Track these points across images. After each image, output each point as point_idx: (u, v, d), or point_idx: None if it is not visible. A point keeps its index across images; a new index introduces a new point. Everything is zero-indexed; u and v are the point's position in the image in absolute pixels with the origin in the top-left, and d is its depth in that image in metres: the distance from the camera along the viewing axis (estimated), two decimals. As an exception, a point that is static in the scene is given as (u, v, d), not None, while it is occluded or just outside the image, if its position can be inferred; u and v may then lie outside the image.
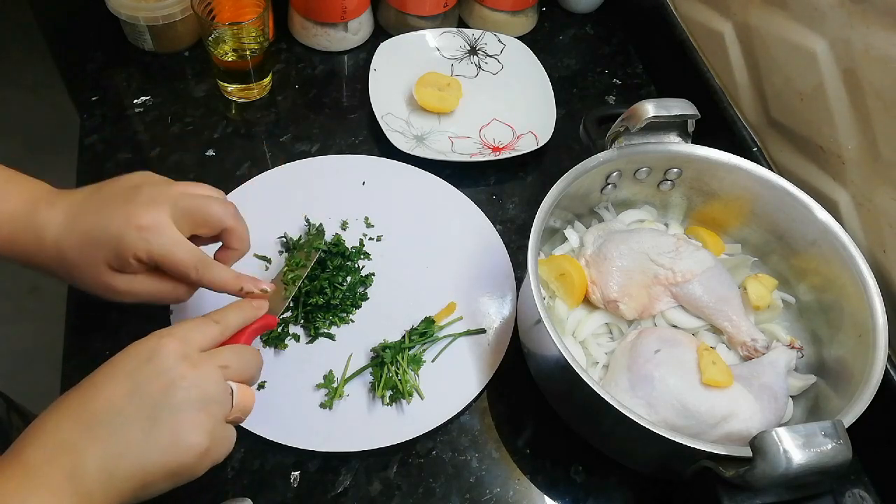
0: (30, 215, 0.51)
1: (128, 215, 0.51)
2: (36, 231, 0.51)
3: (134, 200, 0.51)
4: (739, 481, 0.47)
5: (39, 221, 0.51)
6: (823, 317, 0.64)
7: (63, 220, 0.51)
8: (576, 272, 0.64)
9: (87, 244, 0.51)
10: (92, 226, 0.51)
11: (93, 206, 0.52)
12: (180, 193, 0.53)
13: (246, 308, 0.54)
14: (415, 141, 0.84)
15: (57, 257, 0.51)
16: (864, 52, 0.61)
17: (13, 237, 0.51)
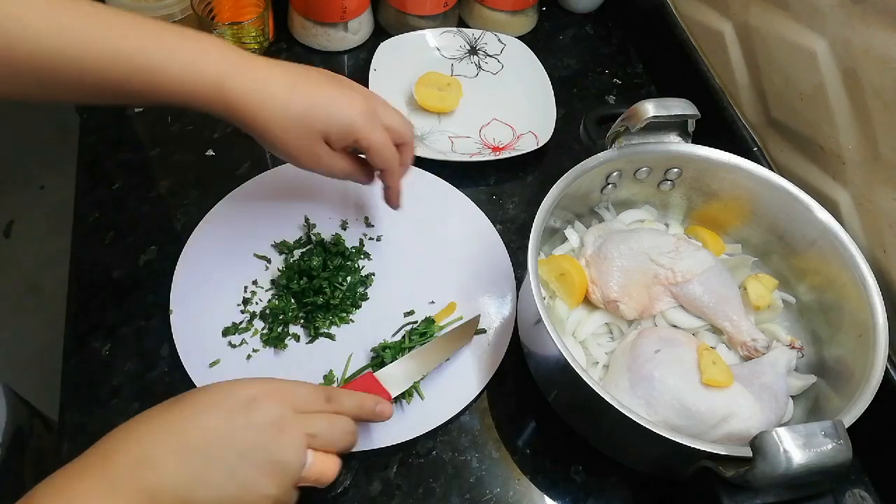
0: (247, 68, 0.54)
1: (353, 102, 0.57)
2: (256, 83, 0.54)
3: (355, 90, 0.59)
4: (739, 481, 0.47)
5: (259, 75, 0.54)
6: (823, 317, 0.64)
7: (287, 83, 0.55)
8: (576, 272, 0.64)
9: (312, 113, 0.55)
10: (317, 99, 0.56)
11: (315, 80, 0.57)
12: (381, 100, 0.61)
13: (367, 403, 0.55)
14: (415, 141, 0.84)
15: (274, 114, 0.55)
16: (864, 52, 0.61)
17: (222, 85, 0.53)
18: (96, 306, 0.68)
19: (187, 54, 0.52)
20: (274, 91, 0.54)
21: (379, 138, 0.59)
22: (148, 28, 0.52)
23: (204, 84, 0.53)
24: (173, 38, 0.52)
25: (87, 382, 0.63)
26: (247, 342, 0.66)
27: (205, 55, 0.53)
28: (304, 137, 0.56)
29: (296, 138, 0.56)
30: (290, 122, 0.55)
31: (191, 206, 0.76)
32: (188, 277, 0.69)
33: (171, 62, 0.51)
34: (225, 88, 0.53)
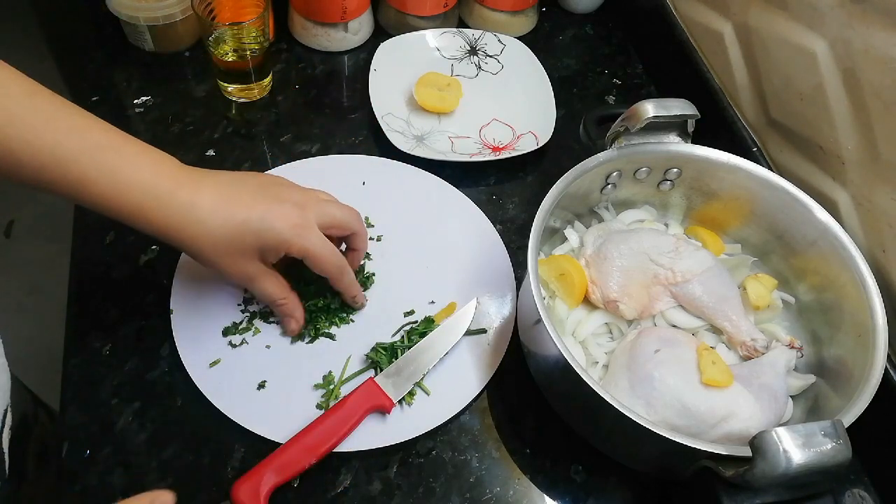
0: (171, 193, 0.54)
1: (285, 214, 0.57)
2: (181, 209, 0.54)
3: (287, 200, 0.58)
4: (739, 481, 0.47)
5: (184, 200, 0.54)
6: (823, 317, 0.64)
7: (214, 206, 0.55)
8: (576, 272, 0.64)
9: (241, 233, 0.55)
10: (247, 217, 0.55)
11: (245, 198, 0.56)
12: (317, 200, 0.61)
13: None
14: (415, 141, 0.84)
15: (201, 237, 0.55)
16: (864, 52, 0.61)
17: (144, 207, 0.53)
18: (96, 306, 0.68)
19: (118, 175, 0.52)
20: (199, 216, 0.54)
21: (314, 245, 0.58)
22: (91, 135, 0.53)
23: (129, 208, 0.53)
24: (110, 154, 0.53)
25: (87, 382, 0.63)
26: (247, 342, 0.66)
27: (135, 175, 0.53)
28: (236, 255, 0.56)
29: (227, 257, 0.56)
30: (221, 242, 0.55)
31: (191, 206, 0.76)
32: (188, 277, 0.69)
33: (98, 179, 0.52)
34: (149, 216, 0.53)
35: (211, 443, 0.61)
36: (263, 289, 0.60)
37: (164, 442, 0.61)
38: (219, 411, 0.61)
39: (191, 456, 0.60)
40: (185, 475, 0.59)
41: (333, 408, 0.61)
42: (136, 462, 0.60)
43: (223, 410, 0.61)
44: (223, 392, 0.63)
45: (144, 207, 0.53)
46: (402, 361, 0.65)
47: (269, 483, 0.56)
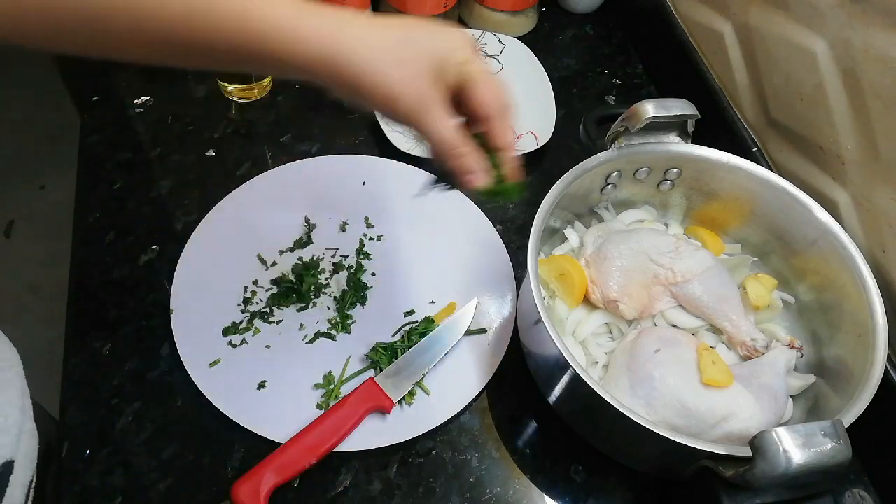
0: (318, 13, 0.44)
1: (453, 30, 0.48)
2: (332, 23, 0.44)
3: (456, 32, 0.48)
4: (739, 481, 0.47)
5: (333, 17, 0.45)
6: (823, 317, 0.64)
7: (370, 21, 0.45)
8: (576, 272, 0.64)
9: (412, 40, 0.45)
10: (413, 29, 0.46)
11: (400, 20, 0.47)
12: None
13: None
14: (415, 141, 0.84)
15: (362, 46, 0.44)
16: (864, 52, 0.61)
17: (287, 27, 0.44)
18: (96, 306, 0.68)
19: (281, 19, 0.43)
20: (353, 31, 0.44)
21: (485, 68, 0.48)
22: None
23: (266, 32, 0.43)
24: None
25: (87, 382, 0.63)
26: (247, 342, 0.66)
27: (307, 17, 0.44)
28: (409, 66, 0.45)
29: (398, 68, 0.45)
30: (388, 50, 0.44)
31: (191, 206, 0.76)
32: (188, 277, 0.69)
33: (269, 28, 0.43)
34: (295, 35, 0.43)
35: (211, 443, 0.61)
36: (442, 127, 0.47)
37: (164, 442, 0.61)
38: (219, 411, 0.61)
39: (191, 456, 0.60)
40: (185, 475, 0.59)
41: (333, 408, 0.61)
42: (136, 462, 0.60)
43: (223, 410, 0.61)
44: (223, 392, 0.63)
45: (287, 27, 0.43)
46: (402, 361, 0.65)
47: (269, 483, 0.56)
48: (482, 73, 0.47)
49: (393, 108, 0.46)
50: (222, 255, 0.71)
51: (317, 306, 0.70)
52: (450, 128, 0.47)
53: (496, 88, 0.48)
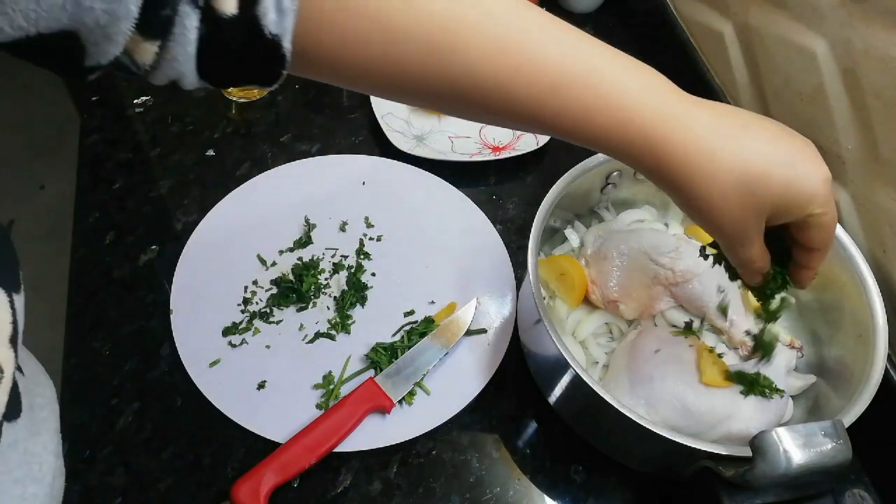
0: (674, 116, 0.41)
1: (814, 159, 0.42)
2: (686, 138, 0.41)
3: (810, 144, 0.43)
4: (739, 481, 0.47)
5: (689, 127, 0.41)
6: (823, 317, 0.64)
7: (722, 135, 0.41)
8: (576, 272, 0.64)
9: (762, 178, 0.40)
10: (768, 155, 0.41)
11: (754, 126, 0.42)
12: None
13: None
14: (415, 141, 0.84)
15: (707, 178, 0.41)
16: (864, 52, 0.61)
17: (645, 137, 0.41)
18: (96, 306, 0.68)
19: (632, 83, 0.41)
20: (710, 148, 0.40)
21: (834, 215, 0.43)
22: (596, 46, 0.41)
23: (630, 137, 0.41)
24: (620, 61, 0.42)
25: (87, 382, 0.63)
26: (247, 342, 0.66)
27: (634, 96, 0.41)
28: (747, 208, 0.41)
29: (736, 207, 0.41)
30: (732, 188, 0.40)
31: (191, 206, 0.76)
32: (188, 277, 0.69)
33: (616, 91, 0.41)
34: (652, 145, 0.41)
35: (211, 443, 0.61)
36: (752, 253, 0.45)
37: (164, 442, 0.61)
38: (219, 411, 0.61)
39: (191, 456, 0.60)
40: (185, 475, 0.59)
41: (333, 408, 0.61)
42: (136, 462, 0.60)
43: (223, 410, 0.61)
44: (223, 392, 0.63)
45: (650, 139, 0.41)
46: (402, 361, 0.65)
47: (269, 483, 0.56)
48: (827, 223, 0.43)
49: (706, 227, 0.45)
50: (222, 255, 0.71)
51: (317, 306, 0.70)
52: (758, 252, 0.45)
53: (832, 231, 0.44)
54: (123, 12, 0.30)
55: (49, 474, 0.42)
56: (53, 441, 0.44)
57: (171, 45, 0.33)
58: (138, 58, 0.33)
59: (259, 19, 0.34)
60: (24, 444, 0.39)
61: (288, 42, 0.35)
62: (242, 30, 0.34)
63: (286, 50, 0.36)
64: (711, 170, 0.40)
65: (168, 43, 0.33)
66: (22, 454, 0.38)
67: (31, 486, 0.39)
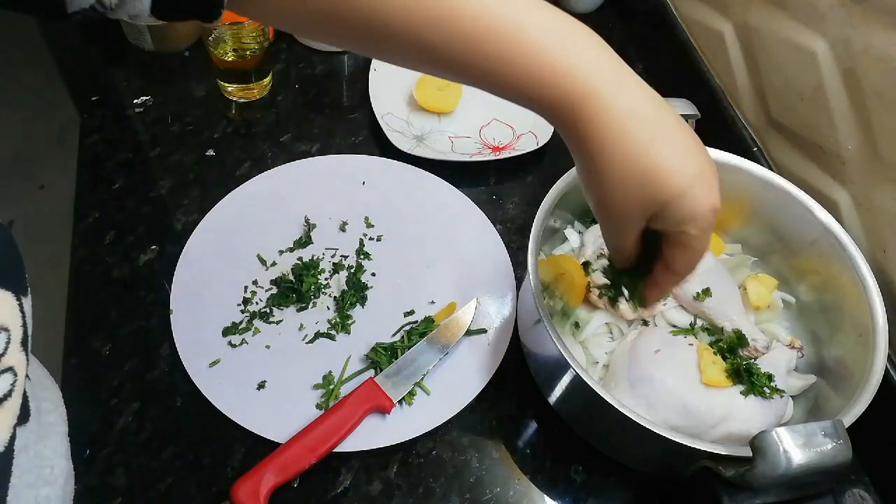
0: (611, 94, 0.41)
1: (712, 190, 0.42)
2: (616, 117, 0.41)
3: (713, 168, 0.43)
4: (739, 481, 0.47)
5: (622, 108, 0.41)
6: (823, 317, 0.64)
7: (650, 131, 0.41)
8: (576, 272, 0.64)
9: (661, 185, 0.41)
10: (678, 171, 0.41)
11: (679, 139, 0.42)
12: None
13: None
14: (415, 141, 0.84)
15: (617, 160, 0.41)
16: (864, 52, 0.61)
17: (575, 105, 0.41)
18: (96, 306, 0.68)
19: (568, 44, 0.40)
20: (627, 130, 0.41)
21: (705, 244, 0.44)
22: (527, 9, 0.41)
23: (551, 94, 0.41)
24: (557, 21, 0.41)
25: (87, 382, 0.63)
26: (247, 342, 0.66)
27: (564, 51, 0.40)
28: (636, 201, 0.42)
29: (627, 197, 0.42)
30: (626, 175, 0.41)
31: (191, 206, 0.76)
32: (188, 277, 0.69)
33: (546, 46, 0.40)
34: (585, 105, 0.41)
35: (211, 443, 0.61)
36: (626, 245, 0.47)
37: (164, 442, 0.61)
38: (219, 411, 0.61)
39: (191, 456, 0.60)
40: (185, 475, 0.59)
41: (333, 408, 0.61)
42: (136, 462, 0.60)
43: (223, 410, 0.61)
44: (223, 392, 0.63)
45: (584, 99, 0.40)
46: (402, 361, 0.65)
47: (269, 483, 0.56)
48: (697, 249, 0.44)
49: (593, 204, 0.45)
50: (222, 255, 0.71)
51: (316, 306, 0.70)
52: (631, 247, 0.47)
53: (694, 259, 0.45)
54: None
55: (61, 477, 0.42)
56: (63, 445, 0.44)
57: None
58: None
59: None
60: (35, 447, 0.39)
61: None
62: None
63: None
64: (622, 153, 0.41)
65: None
66: (33, 458, 0.38)
67: (44, 489, 0.39)
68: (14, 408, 0.33)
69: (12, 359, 0.33)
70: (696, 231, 0.43)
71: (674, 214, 0.42)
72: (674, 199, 0.42)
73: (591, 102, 0.41)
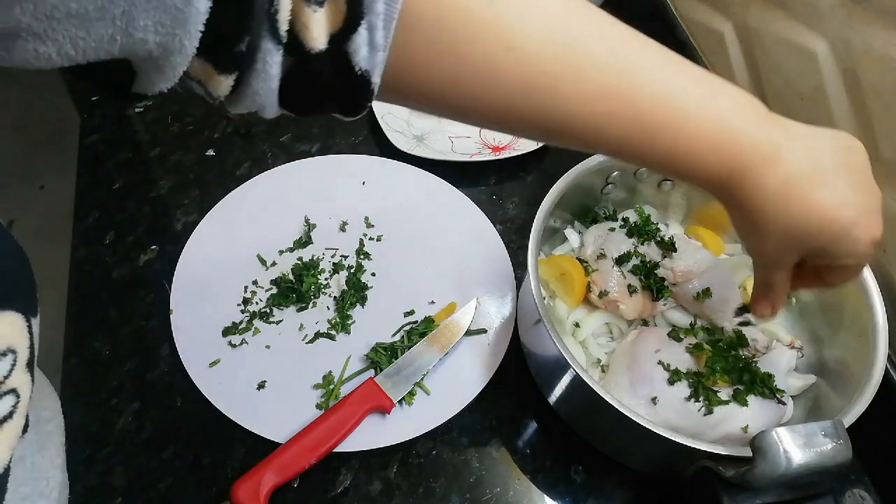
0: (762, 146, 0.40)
1: (871, 229, 0.42)
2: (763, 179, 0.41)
3: (874, 202, 0.43)
4: (739, 481, 0.47)
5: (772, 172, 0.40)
6: (823, 317, 0.64)
7: (799, 183, 0.41)
8: (576, 272, 0.64)
9: (813, 232, 0.41)
10: (832, 217, 0.41)
11: (832, 181, 0.41)
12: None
13: None
14: (415, 141, 0.84)
15: (767, 216, 0.41)
16: (864, 52, 0.61)
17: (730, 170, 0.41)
18: (96, 306, 0.68)
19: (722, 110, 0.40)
20: (787, 192, 0.40)
21: (864, 265, 0.46)
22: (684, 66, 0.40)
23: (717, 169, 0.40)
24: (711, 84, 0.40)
25: (87, 382, 0.63)
26: (247, 342, 0.66)
27: (728, 124, 0.40)
28: (794, 247, 0.43)
29: (776, 248, 0.43)
30: (786, 234, 0.42)
31: (191, 206, 0.76)
32: (188, 277, 0.69)
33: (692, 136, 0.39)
34: (743, 177, 0.41)
35: (211, 443, 0.61)
36: (779, 281, 0.47)
37: (164, 442, 0.61)
38: (219, 411, 0.61)
39: (191, 456, 0.60)
40: (185, 475, 0.59)
41: (333, 408, 0.61)
42: (136, 462, 0.60)
43: (223, 410, 0.61)
44: (223, 392, 0.63)
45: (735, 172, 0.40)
46: (402, 361, 0.65)
47: (269, 483, 0.56)
48: (849, 273, 0.45)
49: (749, 248, 0.46)
50: (222, 255, 0.71)
51: (316, 306, 0.70)
52: (782, 279, 0.47)
53: (851, 278, 0.47)
54: (177, 46, 0.29)
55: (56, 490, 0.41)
56: (60, 456, 0.44)
57: (251, 79, 0.32)
58: (212, 89, 0.33)
59: (350, 56, 0.33)
60: (32, 459, 0.38)
61: (378, 77, 0.34)
62: (330, 64, 0.33)
63: (375, 85, 0.35)
64: (784, 211, 0.41)
65: (247, 77, 0.32)
66: (29, 470, 0.38)
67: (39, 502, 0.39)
68: (15, 429, 0.32)
69: (16, 380, 0.32)
70: (855, 262, 0.44)
71: (832, 253, 0.43)
72: (831, 244, 0.42)
73: (749, 174, 0.41)
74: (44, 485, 0.40)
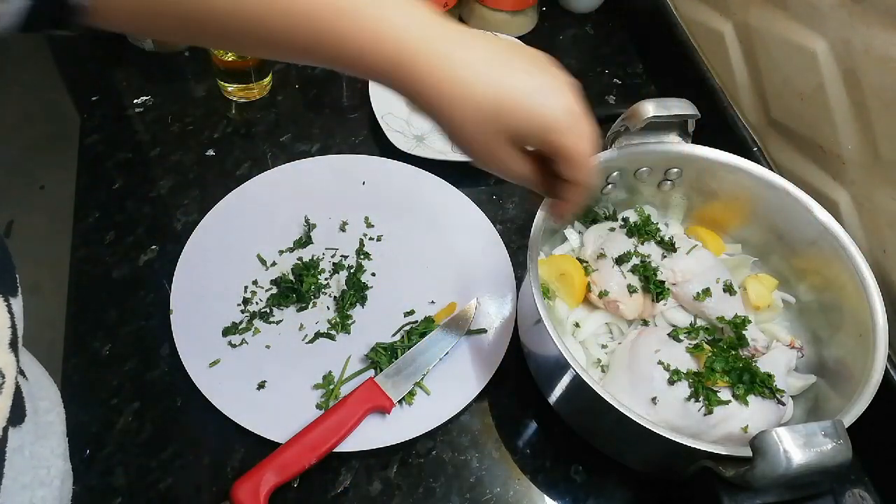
0: (439, 48, 0.43)
1: (562, 92, 0.45)
2: (446, 65, 0.43)
3: (562, 78, 0.46)
4: (739, 481, 0.47)
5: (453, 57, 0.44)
6: (823, 317, 0.64)
7: (484, 68, 0.44)
8: (576, 272, 0.64)
9: (506, 107, 0.44)
10: (518, 86, 0.44)
11: (518, 64, 0.45)
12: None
13: None
14: (415, 141, 0.84)
15: (460, 102, 0.44)
16: (864, 52, 0.61)
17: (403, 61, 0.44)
18: (96, 306, 0.68)
19: (370, 21, 0.43)
20: (464, 76, 0.43)
21: (584, 144, 0.46)
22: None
23: (383, 60, 0.43)
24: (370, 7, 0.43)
25: (87, 382, 0.63)
26: (247, 342, 0.66)
27: (389, 20, 0.43)
28: (489, 133, 0.45)
29: (478, 133, 0.45)
30: (477, 114, 0.44)
31: (191, 206, 0.76)
32: (188, 277, 0.69)
33: (354, 29, 0.43)
34: (406, 68, 0.43)
35: (211, 443, 0.61)
36: (510, 168, 0.48)
37: (164, 442, 0.61)
38: (219, 411, 0.61)
39: (191, 456, 0.60)
40: (185, 475, 0.59)
41: (333, 408, 0.61)
42: (136, 462, 0.60)
43: (223, 410, 0.61)
44: (223, 392, 0.63)
45: (401, 64, 0.43)
46: (402, 361, 0.65)
47: (269, 483, 0.56)
48: (572, 152, 0.46)
49: (460, 147, 0.48)
50: (222, 255, 0.71)
51: (316, 306, 0.70)
52: (517, 169, 0.48)
53: (577, 164, 0.47)
54: None
55: (57, 478, 0.41)
56: (61, 445, 0.44)
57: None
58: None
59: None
60: (31, 448, 0.38)
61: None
62: None
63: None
64: (462, 97, 0.44)
65: None
66: (28, 459, 0.38)
67: (40, 491, 0.39)
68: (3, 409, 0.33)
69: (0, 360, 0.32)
70: (561, 136, 0.45)
71: (533, 130, 0.45)
72: (528, 116, 0.44)
73: (427, 66, 0.43)
74: (44, 473, 0.40)
